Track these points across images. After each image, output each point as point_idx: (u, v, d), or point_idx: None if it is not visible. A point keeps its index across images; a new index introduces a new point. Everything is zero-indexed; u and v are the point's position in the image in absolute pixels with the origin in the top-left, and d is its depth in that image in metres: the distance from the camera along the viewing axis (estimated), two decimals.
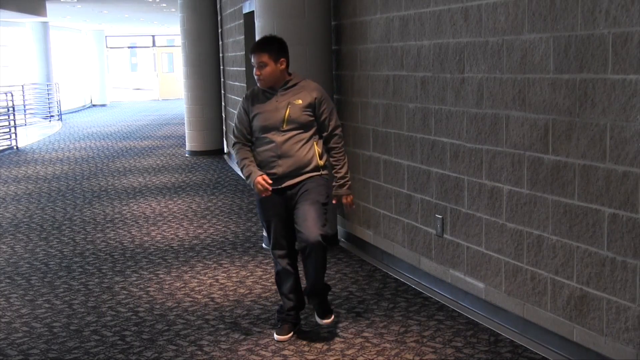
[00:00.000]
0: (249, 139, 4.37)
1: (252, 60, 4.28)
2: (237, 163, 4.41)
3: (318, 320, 4.39)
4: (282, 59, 4.26)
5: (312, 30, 6.18)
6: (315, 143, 4.29)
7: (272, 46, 4.27)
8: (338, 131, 4.37)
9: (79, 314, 5.01)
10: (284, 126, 4.23)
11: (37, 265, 6.28)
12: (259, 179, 4.22)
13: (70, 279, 5.84)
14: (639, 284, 3.48)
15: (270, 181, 4.24)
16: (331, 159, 4.40)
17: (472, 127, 4.65)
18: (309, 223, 4.16)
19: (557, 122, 3.91)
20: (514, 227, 4.33)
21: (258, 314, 4.87)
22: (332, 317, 4.42)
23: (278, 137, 4.22)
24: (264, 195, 4.24)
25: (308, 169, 4.28)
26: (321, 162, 4.31)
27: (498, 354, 4.11)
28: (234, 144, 4.44)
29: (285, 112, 4.22)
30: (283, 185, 4.27)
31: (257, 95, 4.35)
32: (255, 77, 4.28)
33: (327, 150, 4.39)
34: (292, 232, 4.36)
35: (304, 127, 4.26)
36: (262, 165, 4.29)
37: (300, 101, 4.25)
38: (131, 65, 46.26)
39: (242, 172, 4.37)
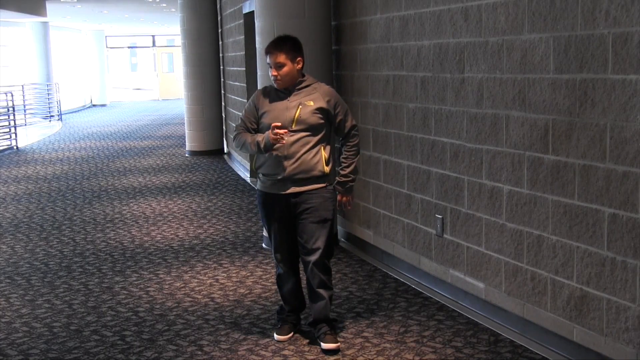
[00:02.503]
0: (250, 132, 4.31)
1: (268, 60, 4.17)
2: (239, 145, 4.29)
3: (325, 346, 4.18)
4: (298, 58, 4.19)
5: (312, 30, 6.17)
6: (322, 148, 4.21)
7: (289, 45, 4.17)
8: (355, 130, 4.33)
9: (79, 314, 5.01)
10: (293, 126, 4.14)
11: (37, 265, 6.28)
12: (273, 133, 4.06)
13: (70, 279, 5.84)
14: (639, 284, 3.48)
15: (284, 128, 4.09)
16: (342, 157, 4.35)
17: (472, 127, 4.65)
18: (315, 242, 4.19)
19: (557, 122, 3.91)
20: (514, 227, 4.33)
21: (258, 314, 4.87)
22: (338, 343, 4.22)
23: (286, 137, 4.14)
24: (282, 140, 4.06)
25: (313, 174, 4.19)
26: (327, 169, 4.23)
27: (498, 354, 4.11)
28: (235, 135, 4.35)
29: (296, 112, 4.14)
30: (287, 191, 4.21)
31: (269, 93, 4.27)
32: (272, 77, 4.18)
33: (342, 147, 4.35)
34: (293, 237, 4.31)
35: (312, 129, 4.17)
36: (267, 165, 4.22)
37: (312, 102, 4.17)
38: (131, 65, 46.26)
39: (248, 147, 4.22)
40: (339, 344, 4.22)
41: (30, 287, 5.67)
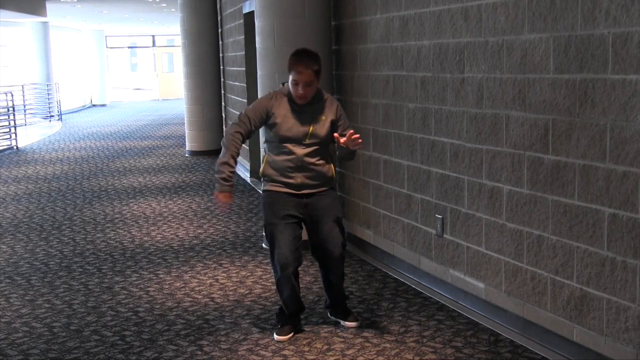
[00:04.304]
0: (250, 132, 4.32)
1: (295, 77, 4.13)
2: (225, 146, 4.26)
3: (346, 324, 4.56)
4: (320, 75, 4.25)
5: (312, 30, 6.17)
6: (329, 156, 4.40)
7: (318, 64, 4.18)
8: None
9: (79, 314, 5.01)
10: (306, 140, 4.25)
11: (37, 265, 6.28)
12: (221, 196, 4.24)
13: (70, 279, 5.84)
14: (639, 284, 3.48)
15: (229, 202, 4.27)
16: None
17: (472, 127, 4.65)
18: (335, 239, 4.36)
19: (557, 122, 3.91)
20: (514, 227, 4.33)
21: (258, 314, 4.87)
22: (358, 321, 4.60)
23: (298, 150, 4.24)
24: (222, 209, 4.23)
25: (323, 181, 4.36)
26: (334, 174, 4.44)
27: (498, 354, 4.11)
28: (234, 131, 4.28)
29: (310, 127, 4.24)
30: (301, 192, 4.32)
31: (284, 101, 4.27)
32: (298, 95, 4.17)
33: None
34: (298, 238, 4.34)
35: (324, 142, 4.31)
36: (278, 173, 4.29)
37: (324, 117, 4.28)
38: (131, 65, 46.26)
39: (218, 164, 4.27)
40: (359, 321, 4.59)
41: (30, 287, 5.67)
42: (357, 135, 4.08)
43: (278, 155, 4.28)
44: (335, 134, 4.19)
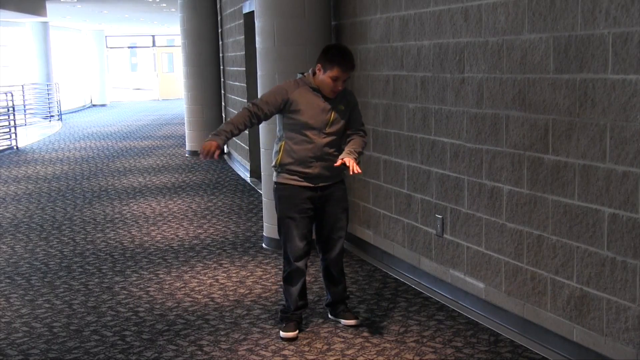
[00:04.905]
0: (263, 117, 4.34)
1: (339, 74, 4.21)
2: (230, 119, 4.37)
3: (346, 322, 4.59)
4: None
5: (312, 30, 6.17)
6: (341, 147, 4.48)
7: None
8: (364, 127, 4.52)
9: (79, 314, 5.01)
10: (327, 129, 4.31)
11: (37, 265, 6.28)
12: (208, 143, 4.17)
13: (70, 279, 5.84)
14: (639, 284, 3.48)
15: (212, 151, 4.16)
16: (351, 141, 4.34)
17: (472, 127, 4.65)
18: (341, 231, 4.52)
19: (557, 122, 3.91)
20: (514, 227, 4.33)
21: (258, 314, 4.87)
22: (359, 319, 4.65)
23: (319, 139, 4.30)
24: (203, 156, 4.17)
25: (337, 172, 4.41)
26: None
27: (498, 354, 4.11)
28: (247, 109, 4.31)
29: (331, 115, 4.30)
30: (318, 185, 4.38)
31: (304, 90, 4.31)
32: (335, 90, 4.26)
33: (350, 136, 4.41)
34: (310, 232, 4.46)
35: (340, 132, 4.38)
36: (297, 163, 4.32)
37: (342, 107, 4.36)
38: (131, 65, 46.25)
39: (221, 126, 4.33)
40: (359, 319, 4.60)
41: (30, 287, 5.67)
42: (358, 170, 4.10)
43: (298, 144, 4.31)
44: (338, 163, 4.20)
